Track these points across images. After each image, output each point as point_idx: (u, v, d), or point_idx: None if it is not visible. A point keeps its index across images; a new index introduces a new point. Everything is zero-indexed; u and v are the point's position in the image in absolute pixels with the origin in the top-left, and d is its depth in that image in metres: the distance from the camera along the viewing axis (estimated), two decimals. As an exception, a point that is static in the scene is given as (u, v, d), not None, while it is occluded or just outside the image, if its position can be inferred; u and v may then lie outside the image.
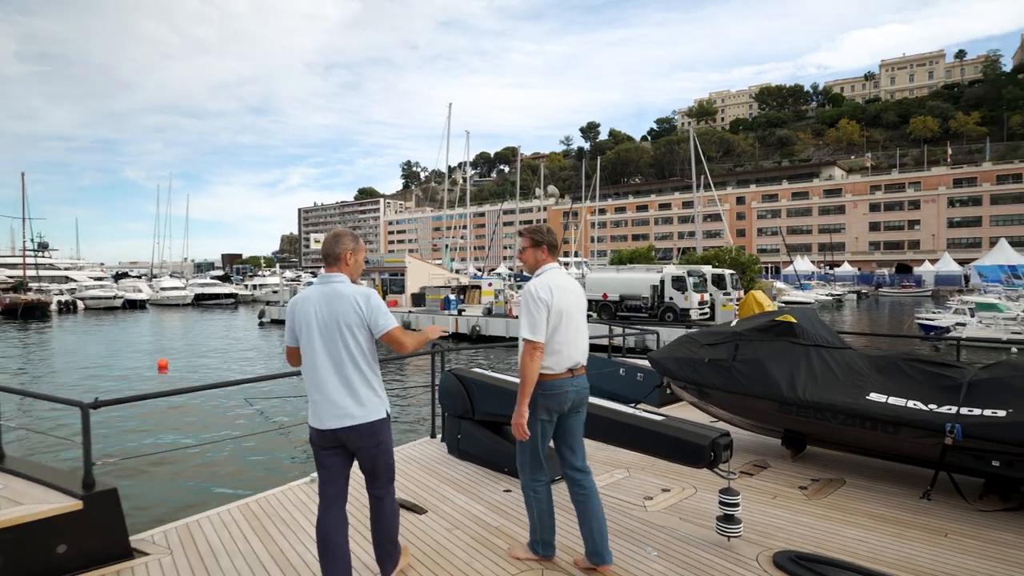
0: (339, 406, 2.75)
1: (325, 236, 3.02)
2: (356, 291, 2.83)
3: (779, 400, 4.22)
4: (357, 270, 3.01)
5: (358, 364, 2.79)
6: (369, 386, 2.80)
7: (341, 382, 2.77)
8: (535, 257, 3.32)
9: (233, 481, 9.03)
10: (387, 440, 2.86)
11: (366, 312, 2.79)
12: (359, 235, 3.13)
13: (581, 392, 3.21)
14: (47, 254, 73.83)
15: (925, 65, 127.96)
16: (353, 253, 2.96)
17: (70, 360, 23.61)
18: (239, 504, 4.07)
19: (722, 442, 3.29)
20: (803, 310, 4.80)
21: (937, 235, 76.60)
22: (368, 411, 2.78)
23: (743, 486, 4.09)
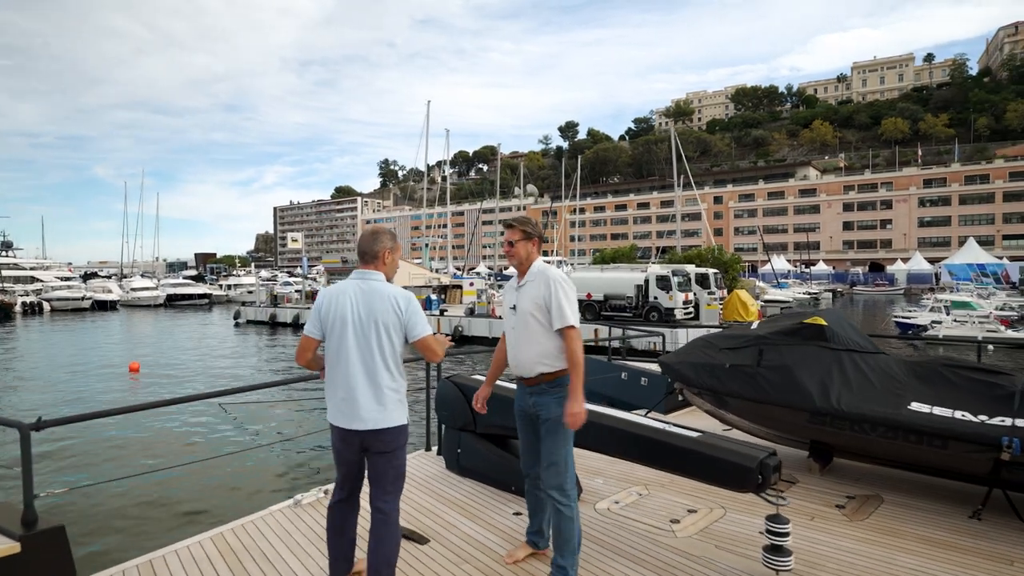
0: (365, 408, 2.67)
1: (362, 232, 2.94)
2: (397, 292, 2.76)
3: (810, 410, 3.88)
4: (393, 270, 2.91)
5: (388, 366, 2.71)
6: (395, 391, 2.73)
7: (370, 383, 2.68)
8: (526, 250, 3.09)
9: (206, 507, 8.01)
10: (403, 448, 2.79)
11: (405, 315, 2.72)
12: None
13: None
14: (11, 253, 71.29)
15: (895, 68, 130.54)
16: (391, 252, 2.88)
17: (32, 365, 22.60)
18: (212, 535, 3.59)
19: (771, 463, 2.93)
20: (832, 311, 4.48)
21: (908, 234, 78.06)
22: (391, 416, 2.70)
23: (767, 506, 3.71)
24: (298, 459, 10.18)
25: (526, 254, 3.07)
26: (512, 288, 3.15)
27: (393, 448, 2.71)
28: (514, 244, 3.07)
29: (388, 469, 2.73)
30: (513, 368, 3.10)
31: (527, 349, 2.97)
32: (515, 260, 3.09)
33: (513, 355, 3.07)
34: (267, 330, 34.61)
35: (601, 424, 3.55)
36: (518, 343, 3.02)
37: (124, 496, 8.21)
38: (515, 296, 3.07)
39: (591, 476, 4.48)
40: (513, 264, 3.12)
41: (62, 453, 10.40)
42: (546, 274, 2.98)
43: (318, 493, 4.15)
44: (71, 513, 7.48)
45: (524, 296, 3.01)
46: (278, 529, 3.67)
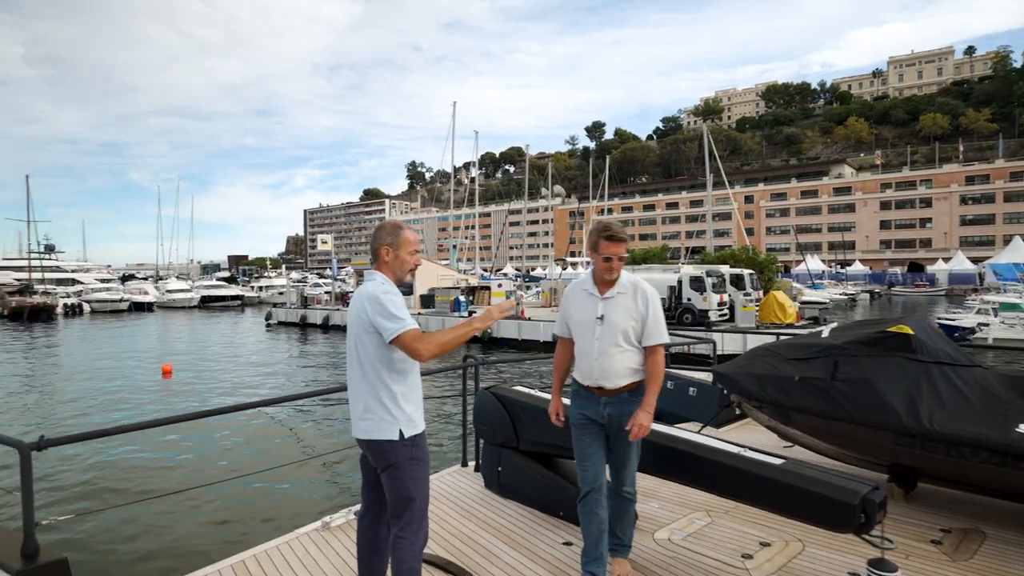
0: (354, 414, 2.56)
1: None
2: (369, 290, 2.53)
3: (897, 430, 3.45)
4: (400, 268, 2.65)
5: (366, 373, 2.50)
6: (377, 398, 2.47)
7: (354, 389, 2.55)
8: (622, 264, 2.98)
9: (226, 531, 7.39)
10: (402, 467, 2.46)
11: (370, 315, 2.48)
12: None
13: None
14: (54, 256, 73.56)
15: (934, 62, 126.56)
16: (392, 248, 2.63)
17: (69, 366, 23.03)
18: (232, 562, 3.30)
19: (875, 499, 2.50)
20: (919, 319, 4.03)
21: (949, 233, 75.50)
22: (372, 427, 2.47)
23: (855, 540, 3.24)
24: (327, 476, 9.62)
25: (621, 267, 2.97)
26: (591, 296, 2.99)
27: (386, 465, 2.47)
28: (623, 259, 2.93)
29: (390, 490, 2.49)
30: (588, 378, 2.96)
31: (615, 361, 2.90)
32: (615, 275, 2.94)
33: (596, 366, 2.92)
34: (297, 331, 34.88)
35: (664, 445, 3.20)
36: (603, 354, 2.90)
37: (134, 521, 7.56)
38: (601, 306, 2.93)
39: (644, 499, 4.09)
40: (611, 278, 2.94)
41: (67, 473, 9.68)
42: (642, 288, 2.95)
43: (348, 515, 3.85)
44: (75, 541, 6.94)
45: (616, 308, 2.91)
46: (304, 556, 3.37)
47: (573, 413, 3.03)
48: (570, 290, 3.12)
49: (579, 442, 3.00)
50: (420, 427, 2.54)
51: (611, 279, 2.95)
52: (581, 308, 3.01)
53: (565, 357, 3.13)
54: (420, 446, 2.52)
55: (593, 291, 2.99)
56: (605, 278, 2.95)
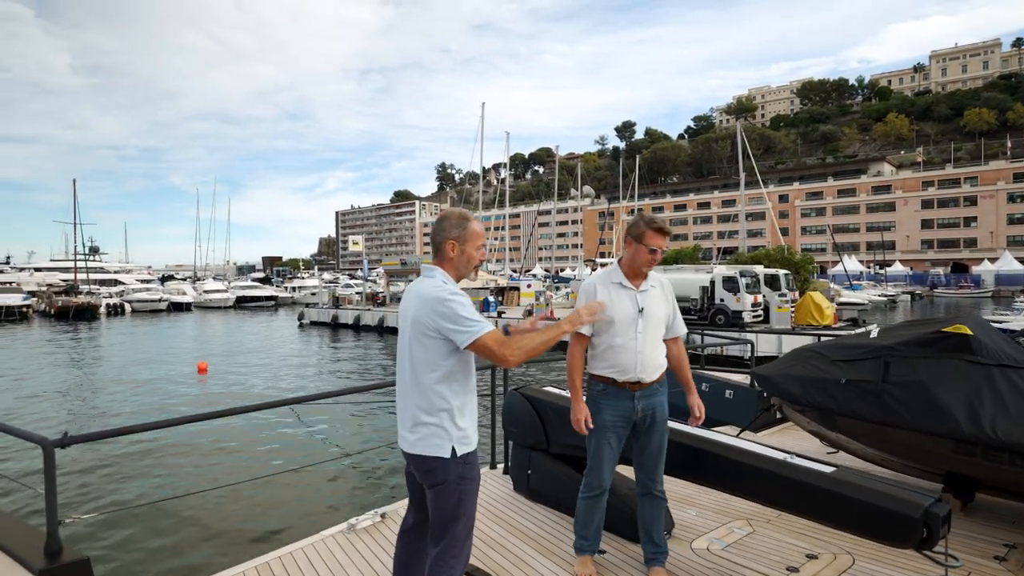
0: (400, 425, 2.33)
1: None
2: (434, 290, 2.25)
3: (956, 438, 3.21)
4: (465, 265, 2.41)
5: (420, 381, 2.25)
6: (429, 411, 2.23)
7: (404, 398, 2.31)
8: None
9: (250, 532, 7.27)
10: (450, 488, 2.22)
11: (433, 320, 2.22)
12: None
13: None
14: (97, 258, 76.08)
15: (979, 55, 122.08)
16: (458, 243, 2.37)
17: (110, 363, 23.69)
18: (257, 564, 3.22)
19: (939, 512, 2.30)
20: (977, 318, 3.76)
21: (996, 232, 72.72)
22: (422, 442, 2.24)
23: (911, 553, 2.89)
24: (354, 478, 9.49)
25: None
26: (628, 289, 2.95)
27: (432, 484, 2.25)
28: (660, 253, 2.93)
29: (434, 509, 2.27)
30: (626, 373, 2.90)
31: (656, 354, 2.96)
32: (653, 268, 2.98)
33: (639, 360, 2.89)
34: (329, 331, 35.33)
35: (704, 450, 3.04)
36: (645, 348, 2.91)
37: (157, 521, 7.47)
38: (640, 299, 2.94)
39: (681, 506, 3.92)
40: (650, 271, 3.00)
41: (93, 470, 9.69)
42: (665, 282, 3.07)
43: (374, 517, 3.77)
44: (97, 541, 6.90)
45: (653, 303, 2.97)
46: (329, 559, 3.28)
47: (604, 414, 2.92)
48: (597, 284, 2.98)
49: (604, 443, 2.93)
50: (474, 444, 2.30)
51: (647, 272, 2.97)
52: (620, 302, 2.92)
53: (582, 356, 3.02)
54: (472, 465, 2.29)
55: (628, 284, 2.95)
56: (644, 271, 2.96)
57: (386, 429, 12.50)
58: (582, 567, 3.07)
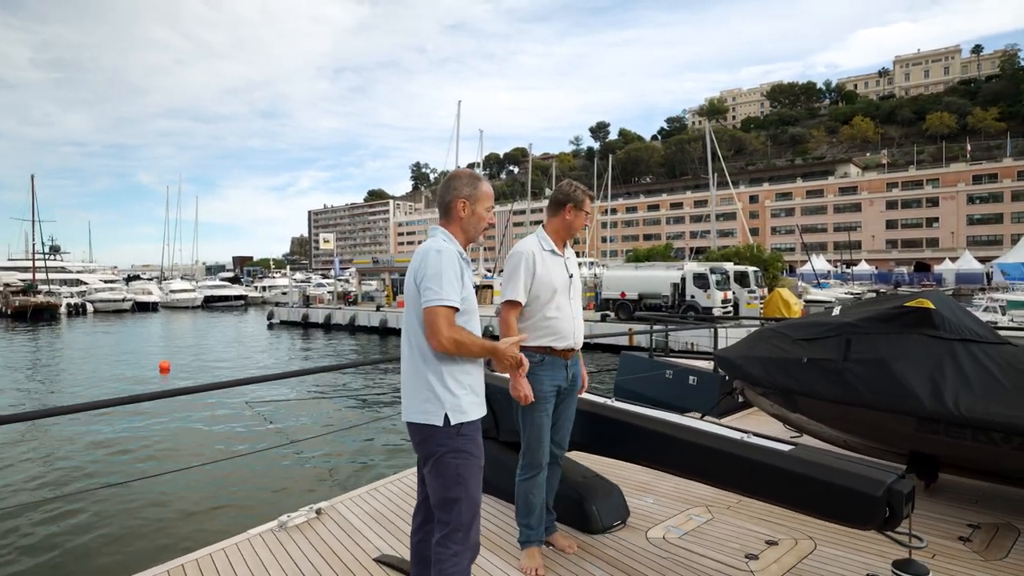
0: (402, 392, 2.20)
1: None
2: (424, 247, 2.15)
3: (918, 415, 3.11)
4: (475, 226, 2.28)
5: (412, 345, 2.15)
6: (421, 375, 2.11)
7: (403, 364, 2.20)
8: None
9: (172, 530, 6.58)
10: (445, 461, 2.07)
11: (418, 274, 2.11)
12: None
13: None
14: (59, 257, 73.83)
15: (941, 61, 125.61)
16: (469, 202, 2.25)
17: (67, 364, 22.85)
18: (169, 568, 2.93)
19: (902, 489, 2.16)
20: (939, 293, 3.68)
21: (956, 233, 74.81)
22: (414, 408, 2.12)
23: (874, 536, 2.79)
24: (291, 469, 8.88)
25: None
26: (557, 256, 2.94)
27: (427, 455, 2.10)
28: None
29: (432, 488, 2.11)
30: (565, 339, 2.87)
31: (580, 320, 2.95)
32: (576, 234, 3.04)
33: (575, 325, 2.91)
34: (300, 330, 34.72)
35: (656, 432, 2.89)
36: (577, 313, 2.93)
37: (60, 518, 6.78)
38: (569, 265, 2.96)
39: (638, 494, 3.79)
40: (571, 238, 3.04)
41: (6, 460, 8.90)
42: (571, 251, 3.09)
43: (309, 513, 3.52)
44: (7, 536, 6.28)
45: (575, 268, 3.02)
46: (253, 561, 2.99)
47: (543, 385, 2.82)
48: (530, 250, 2.85)
49: (544, 416, 2.83)
50: (472, 416, 2.13)
51: (575, 238, 3.07)
52: (557, 270, 2.88)
53: (516, 325, 2.86)
54: (470, 438, 2.12)
55: (558, 252, 2.95)
56: (575, 236, 3.03)
57: (331, 418, 12.18)
58: (528, 560, 2.89)
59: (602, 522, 3.20)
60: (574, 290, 2.93)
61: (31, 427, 10.68)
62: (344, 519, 3.47)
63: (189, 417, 12.03)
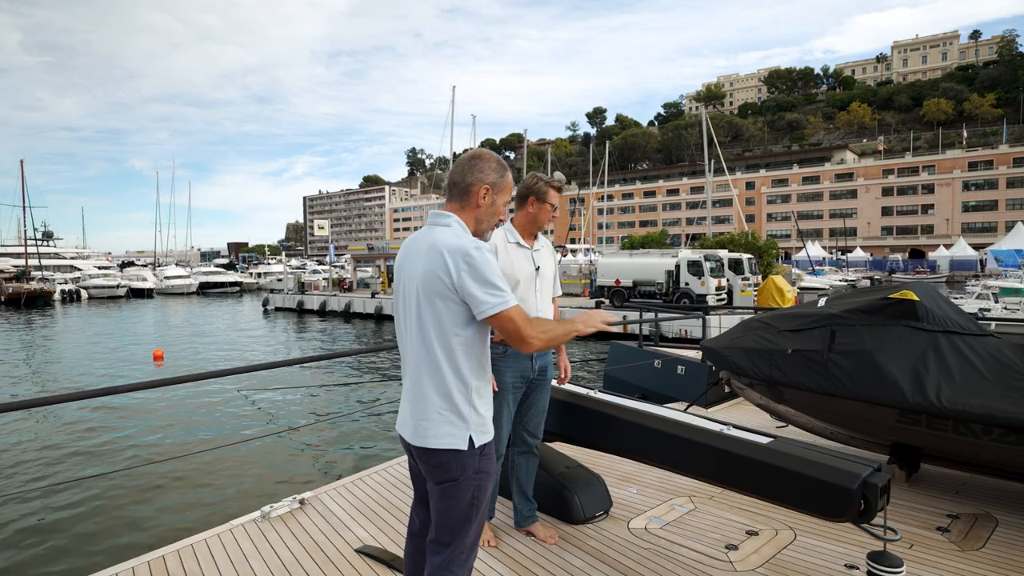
0: (405, 411, 1.91)
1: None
2: (451, 240, 1.81)
3: (901, 406, 3.12)
4: (491, 218, 2.01)
5: (433, 355, 1.82)
6: (444, 392, 1.82)
7: (412, 377, 1.88)
8: None
9: (155, 521, 6.45)
10: (464, 484, 1.83)
11: (455, 276, 1.76)
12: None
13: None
14: (52, 243, 73.37)
15: (939, 46, 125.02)
16: (492, 191, 1.97)
17: (60, 352, 22.79)
18: (150, 559, 2.89)
19: (877, 482, 2.17)
20: (924, 284, 3.68)
21: (951, 219, 74.93)
22: (432, 431, 1.82)
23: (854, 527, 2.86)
24: (277, 458, 8.70)
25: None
26: (524, 248, 2.95)
27: (441, 480, 1.84)
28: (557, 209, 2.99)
29: (441, 510, 1.87)
30: None
31: (548, 312, 3.01)
32: (540, 227, 2.99)
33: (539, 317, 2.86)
34: (295, 316, 34.71)
35: (635, 423, 2.89)
36: (540, 306, 2.95)
37: (43, 511, 6.63)
38: (536, 258, 2.97)
39: (622, 484, 3.81)
40: (538, 231, 3.01)
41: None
42: (549, 243, 3.10)
43: (292, 504, 3.51)
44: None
45: (544, 261, 3.01)
46: (234, 551, 2.97)
47: (505, 376, 2.87)
48: (499, 245, 2.88)
49: (505, 406, 2.88)
50: (492, 432, 1.92)
51: (543, 229, 2.98)
52: (520, 262, 2.91)
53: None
54: (490, 456, 1.91)
55: (524, 244, 2.96)
56: (542, 228, 2.98)
57: (319, 407, 12.17)
58: (543, 531, 3.08)
59: (584, 512, 3.22)
60: (541, 282, 2.95)
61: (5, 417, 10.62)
62: (328, 510, 3.48)
63: (174, 407, 11.98)
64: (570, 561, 2.83)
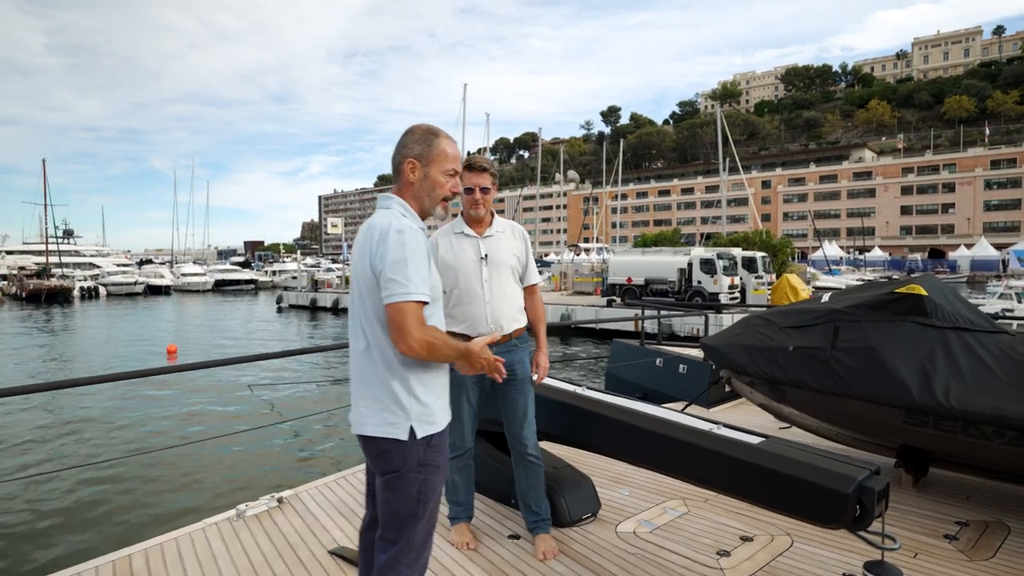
0: (352, 399, 1.84)
1: None
2: (375, 223, 1.77)
3: (907, 407, 2.94)
4: (429, 192, 1.89)
5: (370, 343, 1.77)
6: (382, 380, 1.74)
7: (355, 365, 1.83)
8: (491, 197, 2.78)
9: (126, 518, 6.16)
10: (409, 477, 1.75)
11: (375, 257, 1.70)
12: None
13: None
14: (72, 241, 74.59)
15: (961, 42, 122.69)
16: (420, 163, 1.86)
17: (76, 345, 23.06)
18: (114, 558, 2.77)
19: (874, 487, 2.01)
20: (933, 278, 3.49)
21: (973, 219, 73.55)
22: (371, 419, 1.75)
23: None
24: (260, 453, 8.43)
25: (491, 201, 2.79)
26: (469, 238, 2.77)
27: (384, 471, 1.77)
28: (488, 191, 2.73)
29: (386, 503, 1.79)
30: (480, 325, 2.67)
31: (505, 304, 2.73)
32: (484, 209, 2.73)
33: (489, 311, 2.69)
34: (308, 314, 34.93)
35: (617, 420, 2.74)
36: (494, 297, 2.70)
37: (11, 503, 6.39)
38: (481, 246, 2.74)
39: (613, 486, 3.67)
40: (480, 213, 2.74)
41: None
42: (519, 228, 2.89)
43: (270, 502, 3.40)
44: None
45: (498, 247, 2.76)
46: (204, 552, 2.86)
47: (459, 371, 2.67)
48: (439, 238, 2.79)
49: (463, 399, 2.75)
50: (441, 424, 1.82)
51: (478, 215, 2.74)
52: (459, 251, 2.74)
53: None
54: (438, 449, 1.81)
55: (470, 232, 2.78)
56: (471, 213, 2.75)
57: (305, 402, 12.05)
58: (457, 535, 2.93)
59: (570, 514, 3.08)
60: (490, 271, 2.70)
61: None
62: (306, 508, 3.37)
63: (158, 399, 11.83)
64: (552, 567, 2.70)
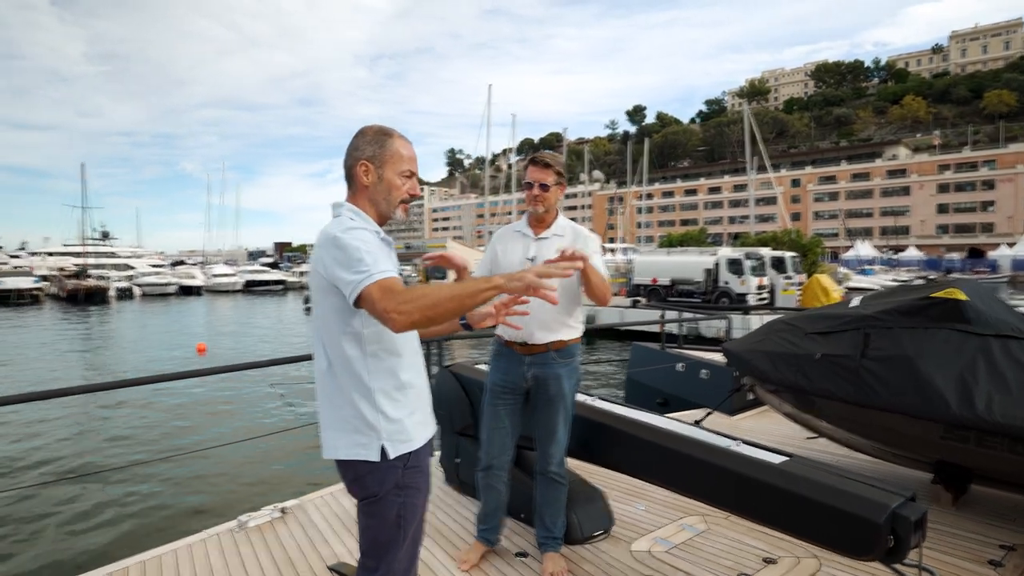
0: (321, 424, 1.68)
1: None
2: (326, 232, 1.62)
3: (946, 420, 2.72)
4: (385, 196, 1.74)
5: (331, 358, 1.63)
6: (345, 397, 1.60)
7: (319, 387, 1.68)
8: (556, 196, 2.59)
9: (128, 528, 6.06)
10: (387, 501, 1.61)
11: (327, 264, 1.57)
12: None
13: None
14: (109, 243, 76.72)
15: (1000, 35, 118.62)
16: (372, 165, 1.72)
17: (112, 342, 23.60)
18: (111, 571, 2.71)
19: (910, 516, 1.83)
20: (973, 282, 3.24)
21: (1014, 217, 71.00)
22: (339, 441, 1.62)
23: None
24: (267, 463, 8.23)
25: (555, 200, 2.61)
26: (523, 236, 2.65)
27: (362, 496, 1.65)
28: (549, 188, 2.56)
29: (363, 527, 1.67)
30: (515, 333, 2.55)
31: (546, 312, 2.51)
32: (543, 207, 2.58)
33: (525, 317, 2.41)
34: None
35: (636, 438, 2.58)
36: (531, 303, 2.32)
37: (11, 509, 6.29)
38: (532, 247, 2.60)
39: (629, 500, 3.50)
40: (538, 211, 2.60)
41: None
42: (582, 232, 2.66)
43: (273, 513, 3.32)
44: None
45: (550, 250, 2.51)
46: (202, 564, 2.77)
47: (491, 378, 2.64)
48: (500, 231, 2.75)
49: (491, 409, 2.62)
50: (417, 441, 1.67)
51: (537, 212, 2.60)
52: (509, 249, 2.66)
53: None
54: (418, 469, 1.67)
55: (528, 232, 2.66)
56: (530, 211, 2.63)
57: (312, 409, 11.91)
58: (468, 552, 2.78)
59: (582, 531, 2.94)
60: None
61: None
62: (309, 520, 3.28)
63: (161, 405, 11.73)
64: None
